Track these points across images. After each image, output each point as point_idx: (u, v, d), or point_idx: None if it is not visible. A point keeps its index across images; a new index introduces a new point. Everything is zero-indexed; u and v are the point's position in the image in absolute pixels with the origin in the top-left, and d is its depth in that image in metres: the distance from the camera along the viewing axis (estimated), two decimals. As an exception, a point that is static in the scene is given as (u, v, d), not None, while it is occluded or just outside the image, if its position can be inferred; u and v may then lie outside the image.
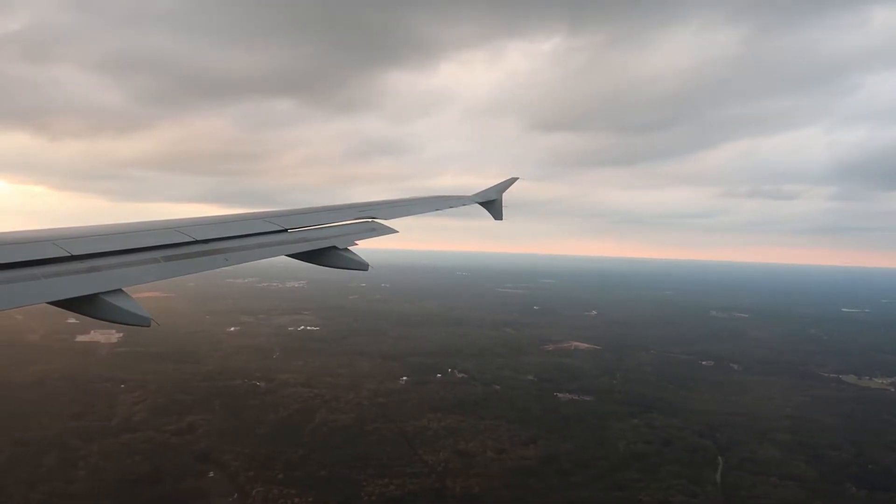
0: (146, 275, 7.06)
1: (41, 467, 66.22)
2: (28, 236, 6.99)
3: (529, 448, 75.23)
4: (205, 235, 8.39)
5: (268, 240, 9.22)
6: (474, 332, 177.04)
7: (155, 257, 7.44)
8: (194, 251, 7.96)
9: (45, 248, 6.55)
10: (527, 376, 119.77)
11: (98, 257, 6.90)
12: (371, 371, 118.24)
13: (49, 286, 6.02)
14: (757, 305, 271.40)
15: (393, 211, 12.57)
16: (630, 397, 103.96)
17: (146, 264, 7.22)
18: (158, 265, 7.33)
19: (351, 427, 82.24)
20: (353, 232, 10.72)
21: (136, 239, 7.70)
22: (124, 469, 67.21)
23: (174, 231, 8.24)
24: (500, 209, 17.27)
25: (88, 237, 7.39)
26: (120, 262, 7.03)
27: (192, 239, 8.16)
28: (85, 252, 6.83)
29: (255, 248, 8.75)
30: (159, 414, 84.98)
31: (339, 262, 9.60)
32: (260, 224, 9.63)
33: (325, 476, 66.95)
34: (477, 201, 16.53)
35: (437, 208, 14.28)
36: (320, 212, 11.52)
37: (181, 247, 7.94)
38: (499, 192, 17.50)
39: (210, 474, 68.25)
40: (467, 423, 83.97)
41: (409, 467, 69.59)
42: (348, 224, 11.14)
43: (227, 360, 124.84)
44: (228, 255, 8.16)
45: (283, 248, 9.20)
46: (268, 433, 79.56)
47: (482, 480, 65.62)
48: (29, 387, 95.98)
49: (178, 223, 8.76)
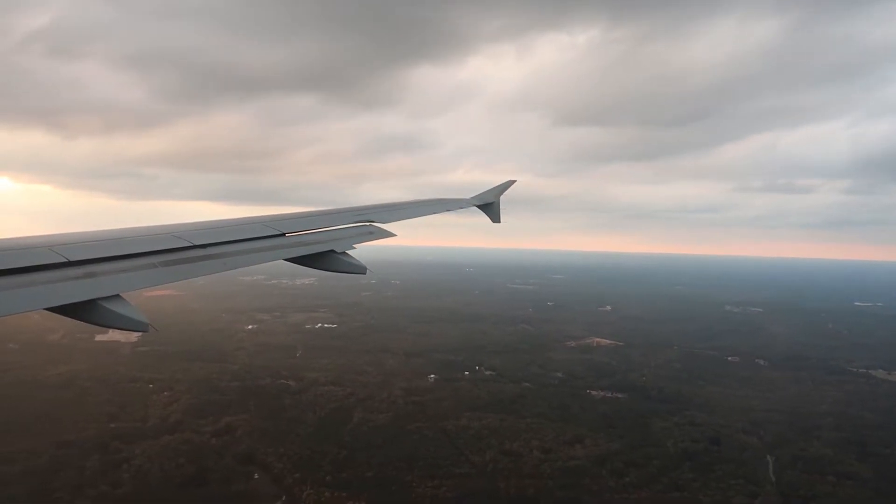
0: (144, 280, 7.00)
1: (85, 470, 65.04)
2: (25, 242, 6.95)
3: (576, 447, 74.04)
4: (203, 240, 8.41)
5: (266, 244, 9.26)
6: (492, 328, 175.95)
7: (153, 262, 7.40)
8: (192, 256, 7.97)
9: (42, 254, 6.53)
10: (555, 373, 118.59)
11: (95, 263, 6.85)
12: (398, 369, 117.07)
13: (46, 292, 6.01)
14: (770, 300, 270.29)
15: (391, 214, 12.61)
16: (665, 394, 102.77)
17: (144, 269, 7.19)
18: (156, 270, 7.28)
19: (390, 426, 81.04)
20: (351, 235, 10.73)
21: (134, 244, 7.71)
22: (169, 472, 66.04)
23: (172, 236, 8.24)
24: (498, 212, 17.33)
25: (86, 243, 7.33)
26: (117, 267, 7.01)
27: (190, 244, 8.17)
28: (82, 258, 6.78)
29: (252, 253, 8.77)
30: (195, 415, 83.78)
31: (338, 265, 9.57)
32: (258, 228, 9.62)
33: (374, 477, 65.79)
34: (475, 204, 16.57)
35: (435, 211, 14.39)
36: (318, 216, 11.58)
37: (179, 252, 7.94)
38: (496, 195, 17.52)
39: (255, 476, 67.19)
40: (508, 422, 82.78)
41: (456, 468, 68.46)
42: (346, 228, 11.12)
43: (252, 358, 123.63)
44: (226, 260, 8.19)
45: (281, 252, 9.21)
46: (308, 433, 78.40)
47: (534, 482, 64.46)
48: (59, 388, 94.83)
49: (176, 228, 8.78)
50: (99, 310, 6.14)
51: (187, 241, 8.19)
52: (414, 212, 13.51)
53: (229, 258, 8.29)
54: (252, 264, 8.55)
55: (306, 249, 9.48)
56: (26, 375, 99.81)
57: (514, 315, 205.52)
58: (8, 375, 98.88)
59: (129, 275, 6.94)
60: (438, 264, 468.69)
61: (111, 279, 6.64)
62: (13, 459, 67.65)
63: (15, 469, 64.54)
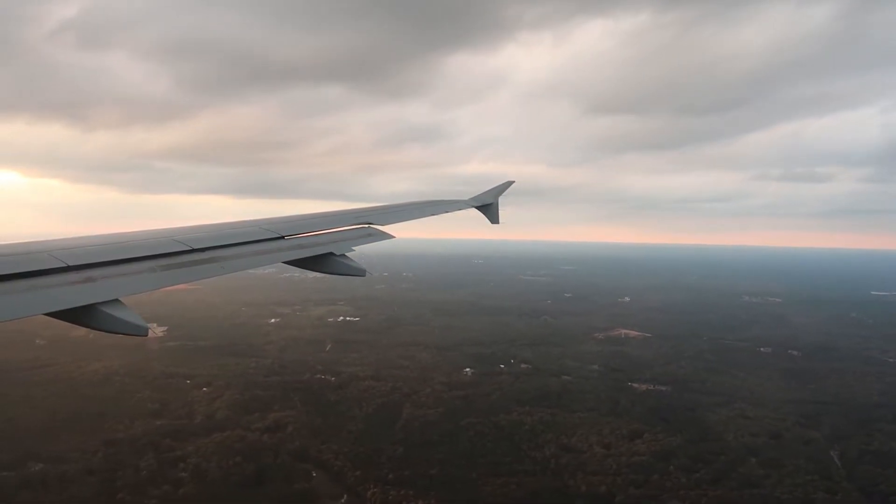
0: (143, 284, 6.98)
1: (142, 470, 63.64)
2: (23, 247, 6.94)
3: (636, 443, 72.68)
4: (201, 244, 8.40)
5: (264, 247, 9.24)
6: (516, 321, 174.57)
7: (152, 267, 7.41)
8: (191, 260, 7.95)
9: (42, 259, 6.53)
10: (591, 366, 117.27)
11: (95, 267, 6.84)
12: (433, 363, 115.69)
13: (45, 297, 6.01)
14: (787, 290, 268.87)
15: (389, 216, 12.66)
16: (708, 387, 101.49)
17: (142, 273, 7.18)
18: (155, 274, 7.28)
19: (442, 422, 79.66)
20: (350, 238, 10.73)
21: (133, 249, 7.67)
22: (227, 470, 64.66)
23: (171, 240, 8.25)
24: (497, 213, 17.44)
25: (84, 247, 7.32)
26: (116, 272, 6.98)
27: (188, 248, 8.16)
28: (81, 263, 6.77)
29: (251, 256, 8.77)
30: (241, 411, 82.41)
31: (337, 268, 9.57)
32: (256, 231, 9.62)
33: (436, 475, 64.44)
34: (473, 205, 16.61)
35: (434, 213, 14.48)
36: (317, 218, 11.63)
37: (178, 256, 7.92)
38: (495, 196, 17.60)
39: (313, 474, 65.87)
40: (560, 417, 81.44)
41: (519, 464, 67.12)
42: (345, 230, 11.13)
43: (283, 353, 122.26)
44: (225, 264, 8.16)
45: (280, 254, 9.20)
46: (359, 430, 77.04)
47: (602, 478, 63.12)
48: (97, 385, 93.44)
49: (175, 232, 8.80)
50: (98, 314, 6.12)
51: (186, 245, 8.18)
52: (412, 214, 13.65)
53: (228, 262, 8.29)
54: (251, 268, 8.59)
55: (305, 252, 9.48)
56: (62, 373, 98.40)
57: (534, 307, 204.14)
58: (44, 372, 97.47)
59: (128, 279, 6.92)
60: (446, 256, 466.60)
61: (110, 284, 6.63)
62: (67, 458, 66.30)
63: (73, 468, 63.18)
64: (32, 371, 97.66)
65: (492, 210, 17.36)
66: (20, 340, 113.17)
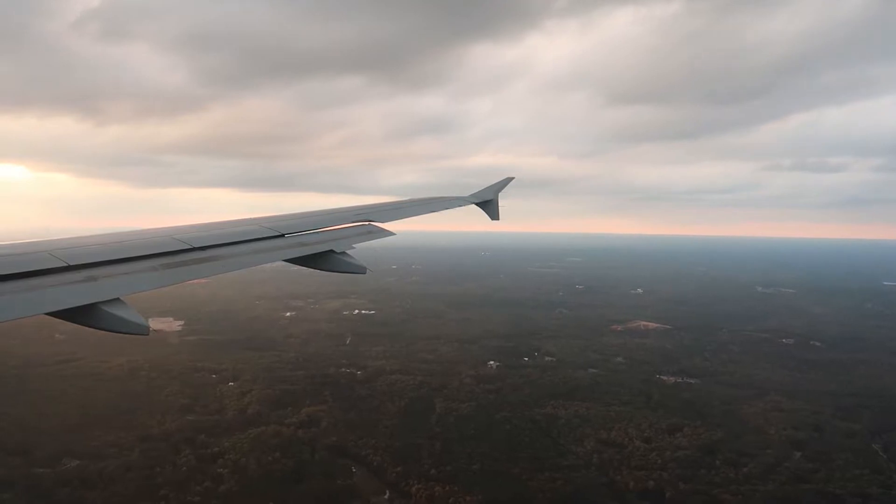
0: (143, 283, 6.95)
1: (181, 467, 62.78)
2: (24, 247, 6.92)
3: (677, 437, 71.72)
4: (202, 242, 8.37)
5: (265, 245, 9.24)
6: (531, 313, 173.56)
7: (152, 265, 7.34)
8: (191, 258, 7.89)
9: (43, 258, 6.53)
10: (616, 358, 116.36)
11: (95, 267, 6.80)
12: (457, 356, 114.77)
13: (46, 297, 5.99)
14: (798, 281, 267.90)
15: (389, 213, 12.71)
16: (738, 379, 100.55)
17: (143, 272, 7.12)
18: (156, 273, 7.21)
19: (476, 416, 78.73)
20: (350, 235, 10.70)
21: (134, 248, 7.62)
22: (266, 466, 63.74)
23: (171, 239, 8.21)
24: (497, 209, 17.39)
25: (85, 247, 7.28)
26: (117, 271, 6.93)
27: (189, 246, 8.12)
28: (82, 262, 6.75)
29: (252, 254, 8.72)
30: (272, 406, 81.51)
31: (337, 265, 9.57)
32: (256, 230, 9.62)
33: (479, 470, 63.54)
34: (473, 202, 16.61)
35: (433, 210, 14.47)
36: (317, 216, 11.60)
37: (178, 254, 7.87)
38: (495, 193, 17.55)
39: (353, 470, 64.99)
40: (595, 411, 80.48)
41: (561, 459, 66.21)
42: (345, 228, 11.10)
43: (304, 347, 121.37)
44: (225, 262, 8.11)
45: (281, 252, 9.18)
46: (394, 424, 76.14)
47: (649, 473, 62.18)
48: (124, 379, 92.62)
49: (176, 231, 8.77)
50: (100, 314, 6.08)
51: (186, 244, 8.14)
52: (412, 211, 13.62)
53: (228, 260, 8.23)
54: (251, 266, 8.54)
55: (306, 250, 9.45)
56: (87, 367, 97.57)
57: (548, 299, 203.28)
58: (70, 368, 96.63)
59: (129, 278, 6.86)
60: (452, 249, 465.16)
61: (111, 283, 6.60)
62: (103, 455, 65.47)
63: (111, 465, 62.31)
64: (57, 366, 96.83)
65: (492, 206, 17.31)
66: (39, 336, 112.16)
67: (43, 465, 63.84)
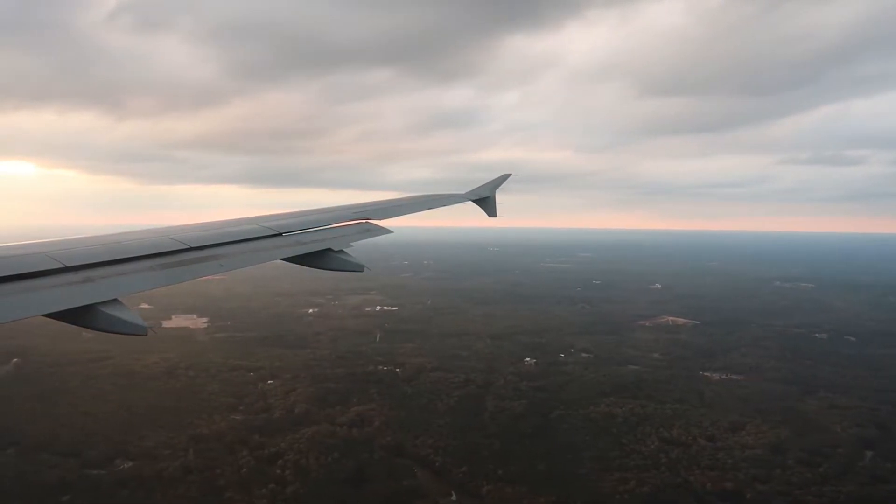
0: (141, 283, 6.93)
1: (241, 468, 61.02)
2: (21, 249, 6.88)
3: (741, 435, 70.08)
4: (199, 242, 8.31)
5: (262, 244, 9.19)
6: (554, 308, 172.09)
7: (150, 265, 7.31)
8: (189, 258, 7.84)
9: (40, 260, 6.48)
10: (652, 354, 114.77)
11: (92, 268, 6.75)
12: (492, 353, 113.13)
13: (45, 298, 5.97)
14: (814, 275, 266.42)
15: (387, 211, 12.66)
16: (783, 375, 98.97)
17: (141, 273, 7.08)
18: (153, 273, 7.17)
19: (530, 415, 77.10)
20: (348, 234, 10.68)
21: (131, 248, 7.55)
22: (328, 468, 62.04)
23: (168, 239, 8.15)
24: (494, 206, 17.32)
25: (82, 248, 7.22)
26: (115, 271, 6.89)
27: (186, 246, 8.06)
28: (79, 263, 6.69)
29: (249, 253, 8.68)
30: (319, 404, 79.76)
31: (335, 264, 9.59)
32: (254, 229, 9.55)
33: (546, 471, 61.83)
34: (470, 199, 16.54)
35: (431, 207, 14.42)
36: (315, 214, 11.54)
37: (176, 254, 7.82)
38: (492, 189, 17.46)
39: (416, 470, 63.26)
40: (651, 409, 78.81)
41: (627, 459, 64.52)
42: (343, 226, 11.05)
43: (335, 344, 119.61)
44: (223, 262, 8.07)
45: (278, 251, 9.14)
46: (447, 423, 74.45)
47: (722, 474, 60.48)
48: (161, 378, 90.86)
49: (173, 230, 8.73)
50: (98, 315, 6.06)
51: (183, 244, 8.06)
52: (410, 209, 13.64)
53: (227, 259, 8.18)
54: (249, 265, 8.48)
55: (303, 248, 9.40)
56: (122, 365, 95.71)
57: (567, 294, 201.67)
58: (104, 366, 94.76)
59: (127, 278, 6.82)
60: (460, 244, 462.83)
61: (109, 283, 6.57)
62: (157, 455, 63.74)
63: (170, 466, 60.55)
64: (91, 364, 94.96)
65: (489, 203, 17.21)
66: (65, 334, 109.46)
67: (97, 467, 62.16)
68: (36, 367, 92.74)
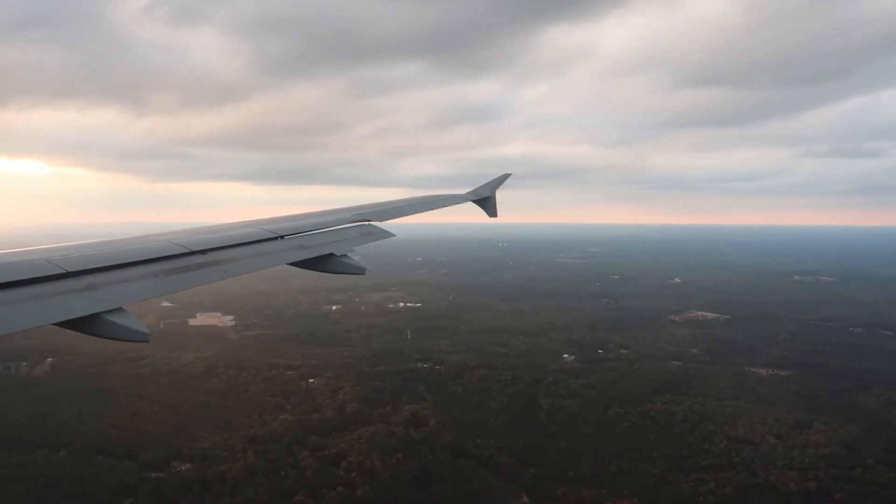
0: (146, 290, 6.79)
1: (306, 469, 59.31)
2: (21, 255, 6.79)
3: (810, 433, 68.33)
4: (201, 246, 8.20)
5: (264, 248, 9.12)
6: (579, 304, 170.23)
7: (153, 271, 7.22)
8: (192, 263, 7.76)
9: (40, 265, 6.33)
10: (691, 350, 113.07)
11: (94, 273, 6.61)
12: (529, 349, 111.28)
13: (51, 306, 5.83)
14: (831, 268, 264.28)
15: (388, 213, 12.70)
16: (831, 370, 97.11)
17: (145, 279, 7.00)
18: (157, 280, 7.07)
19: (587, 413, 75.42)
20: (350, 237, 10.70)
21: (132, 252, 7.46)
22: (393, 469, 60.33)
23: (170, 243, 8.05)
24: (494, 206, 17.29)
25: (83, 253, 7.13)
26: (117, 277, 6.77)
27: (188, 250, 7.96)
28: (80, 268, 6.55)
29: (252, 258, 8.61)
30: (369, 403, 77.98)
31: (337, 267, 9.58)
32: (255, 232, 9.46)
33: (618, 471, 60.21)
34: (471, 199, 16.56)
35: (431, 208, 14.46)
36: (317, 217, 11.63)
37: (178, 259, 7.73)
38: (492, 189, 17.44)
39: (480, 471, 61.50)
40: (709, 406, 77.10)
41: (699, 458, 62.84)
42: (344, 228, 11.02)
43: (368, 342, 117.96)
44: (227, 267, 7.99)
45: (281, 255, 9.11)
46: (505, 422, 72.76)
47: (803, 473, 58.80)
48: (201, 377, 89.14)
49: (174, 235, 8.71)
50: (102, 322, 5.96)
51: (185, 248, 7.97)
52: (411, 210, 13.68)
53: (230, 264, 8.08)
54: (253, 270, 8.40)
55: (306, 253, 9.36)
56: (160, 364, 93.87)
57: (588, 290, 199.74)
58: (142, 365, 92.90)
59: (130, 285, 6.74)
60: (469, 240, 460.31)
61: (112, 291, 6.46)
62: (215, 457, 62.05)
63: (232, 468, 58.85)
64: (128, 364, 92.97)
65: (489, 203, 17.15)
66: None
67: (155, 469, 60.58)
68: (72, 366, 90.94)
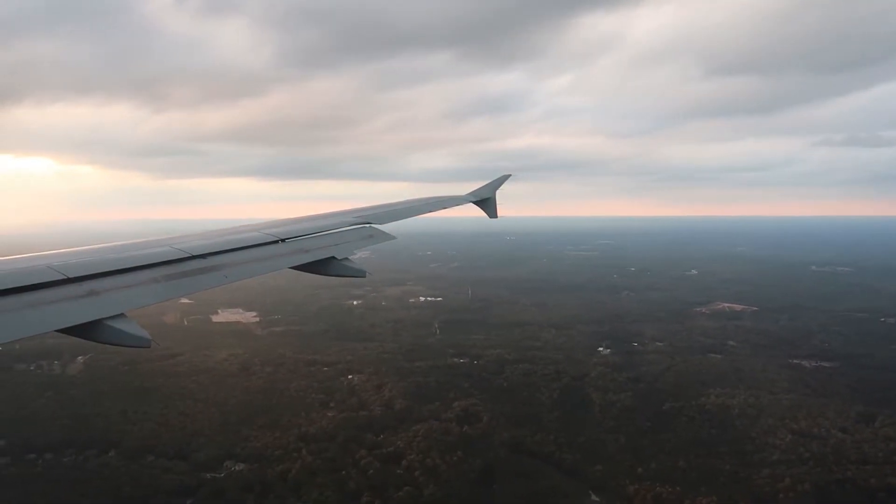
0: (148, 296, 6.72)
1: (367, 469, 57.56)
2: (22, 261, 6.74)
3: (876, 426, 66.58)
4: (202, 250, 8.14)
5: (266, 252, 9.06)
6: (601, 297, 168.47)
7: (154, 276, 7.15)
8: (193, 268, 7.69)
9: (40, 271, 6.29)
10: (728, 342, 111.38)
11: (95, 279, 6.54)
12: (563, 343, 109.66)
13: (51, 313, 5.72)
14: (846, 259, 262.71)
15: (389, 215, 12.63)
16: (878, 362, 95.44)
17: (146, 284, 6.94)
18: (159, 285, 6.99)
19: (642, 407, 73.74)
20: (351, 240, 10.66)
21: (133, 258, 7.42)
22: (456, 467, 58.65)
23: (171, 248, 8.00)
24: (495, 207, 17.26)
25: (84, 259, 7.05)
26: (118, 283, 6.69)
27: (188, 255, 7.87)
28: (82, 274, 6.49)
29: (253, 262, 8.54)
30: (416, 400, 76.26)
31: (339, 270, 9.52)
32: (256, 236, 9.44)
33: (686, 468, 58.52)
34: (471, 200, 16.56)
35: (431, 210, 14.43)
36: (318, 220, 11.61)
37: (179, 263, 7.64)
38: (492, 190, 17.45)
39: (543, 468, 59.83)
40: (765, 399, 75.48)
41: (766, 453, 61.19)
42: (345, 231, 10.99)
43: (398, 336, 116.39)
44: (228, 272, 7.89)
45: (282, 259, 9.11)
46: (558, 417, 71.16)
47: (879, 468, 57.13)
48: (239, 375, 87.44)
49: (174, 240, 8.63)
50: (104, 328, 5.91)
51: (186, 252, 7.91)
52: (413, 211, 13.67)
53: (231, 269, 7.99)
54: (255, 275, 8.34)
55: (307, 257, 9.33)
56: (195, 362, 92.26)
57: (607, 283, 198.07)
58: (177, 363, 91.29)
59: (132, 291, 6.68)
60: (476, 234, 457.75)
61: (114, 297, 6.38)
62: (270, 457, 60.41)
63: (292, 468, 57.17)
64: (163, 362, 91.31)
65: (489, 204, 17.15)
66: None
67: (209, 470, 59.02)
68: (106, 365, 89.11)
